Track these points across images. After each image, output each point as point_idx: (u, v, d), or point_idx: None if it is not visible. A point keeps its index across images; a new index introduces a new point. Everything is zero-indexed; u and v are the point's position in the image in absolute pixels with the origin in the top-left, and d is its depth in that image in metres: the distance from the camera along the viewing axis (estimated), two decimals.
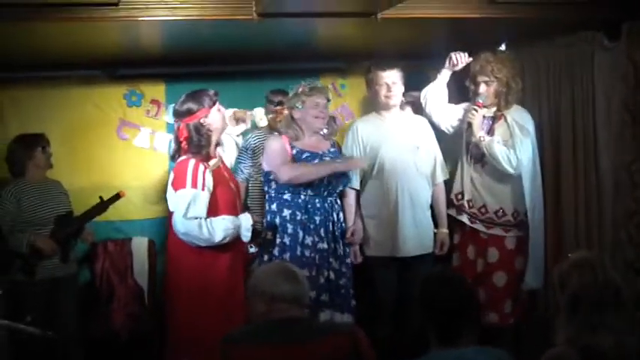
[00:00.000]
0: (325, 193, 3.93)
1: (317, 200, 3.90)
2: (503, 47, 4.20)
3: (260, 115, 5.05)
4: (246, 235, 3.62)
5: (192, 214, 3.51)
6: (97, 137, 4.94)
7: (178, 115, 3.69)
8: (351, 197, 4.14)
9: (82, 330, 4.34)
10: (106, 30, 3.71)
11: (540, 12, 3.84)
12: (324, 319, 3.79)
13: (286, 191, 3.88)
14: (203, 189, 3.54)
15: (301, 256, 3.84)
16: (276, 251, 3.85)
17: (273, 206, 3.93)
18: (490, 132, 4.15)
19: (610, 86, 4.02)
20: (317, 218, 3.90)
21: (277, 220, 3.90)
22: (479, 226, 4.16)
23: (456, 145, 4.43)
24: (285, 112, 4.04)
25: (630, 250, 3.90)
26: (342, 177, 3.95)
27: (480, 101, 4.07)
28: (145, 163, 4.99)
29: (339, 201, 4.03)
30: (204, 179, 3.56)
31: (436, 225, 4.26)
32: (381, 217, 4.13)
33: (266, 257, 3.88)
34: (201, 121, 3.66)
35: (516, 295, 4.20)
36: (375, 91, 4.14)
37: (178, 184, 3.56)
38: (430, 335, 2.43)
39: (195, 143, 3.64)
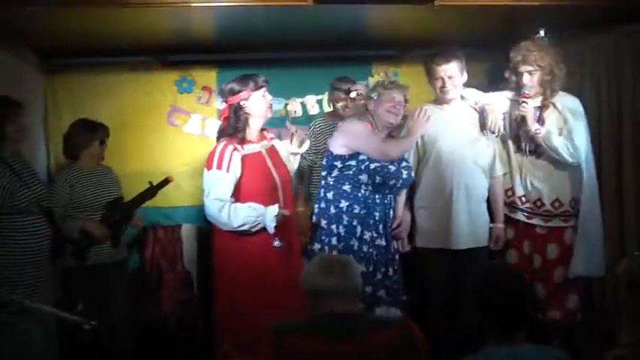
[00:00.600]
0: (387, 191, 3.90)
1: (377, 196, 3.87)
2: (542, 34, 4.06)
3: (312, 103, 5.10)
4: (270, 226, 3.57)
5: (215, 195, 3.54)
6: (147, 123, 4.95)
7: (222, 93, 3.75)
8: (404, 190, 4.07)
9: (132, 316, 4.35)
10: (158, 16, 3.71)
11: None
12: (380, 314, 3.77)
13: (347, 183, 3.83)
14: (228, 171, 3.55)
15: (359, 251, 3.80)
16: (334, 240, 3.81)
17: (329, 195, 3.88)
18: (540, 122, 4.03)
19: None
20: (376, 214, 3.87)
21: (332, 210, 3.85)
22: (537, 221, 4.05)
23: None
24: (362, 101, 4.02)
25: None
26: (407, 178, 3.92)
27: (527, 92, 3.95)
28: (195, 150, 4.96)
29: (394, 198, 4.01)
30: (230, 162, 3.57)
31: (492, 219, 4.14)
32: (435, 208, 4.05)
33: (317, 246, 3.85)
34: (241, 103, 3.66)
35: (579, 289, 4.10)
36: (433, 84, 4.07)
37: (208, 166, 3.61)
38: (485, 330, 2.38)
39: (232, 124, 3.65)
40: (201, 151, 4.85)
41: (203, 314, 4.48)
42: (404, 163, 3.91)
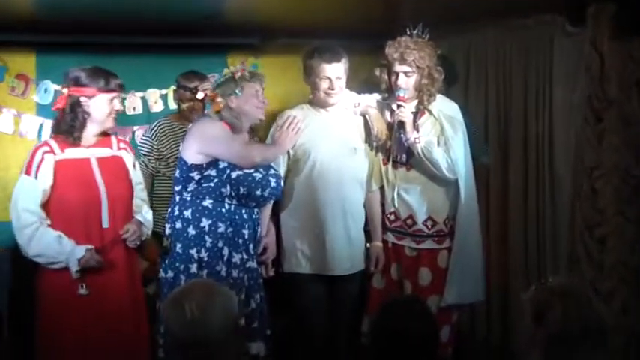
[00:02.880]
0: (254, 204, 3.57)
1: (244, 211, 3.54)
2: (420, 31, 3.84)
3: (154, 98, 4.76)
4: (72, 270, 3.20)
5: (22, 205, 3.25)
6: None
7: (65, 78, 3.43)
8: (269, 204, 3.75)
9: None
10: None
11: None
12: (256, 351, 3.50)
13: (207, 197, 3.48)
14: (37, 178, 3.26)
15: (227, 277, 3.47)
16: (194, 267, 3.46)
17: (187, 213, 3.51)
18: (415, 130, 3.82)
19: (571, 79, 3.80)
20: (245, 232, 3.55)
21: (192, 231, 3.49)
22: (407, 242, 3.82)
23: None
24: (219, 99, 3.63)
25: (589, 268, 3.64)
26: (276, 187, 3.61)
27: (402, 95, 3.72)
28: (8, 153, 4.50)
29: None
30: (39, 167, 3.27)
31: (369, 238, 3.90)
32: (307, 228, 3.76)
33: (170, 274, 3.49)
34: (82, 99, 3.31)
35: (452, 319, 3.89)
36: (314, 83, 3.73)
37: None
38: None
39: (67, 121, 3.32)
40: (15, 154, 4.53)
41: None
42: (272, 171, 3.62)
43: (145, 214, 3.47)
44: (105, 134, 3.43)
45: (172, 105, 4.63)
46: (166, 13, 3.92)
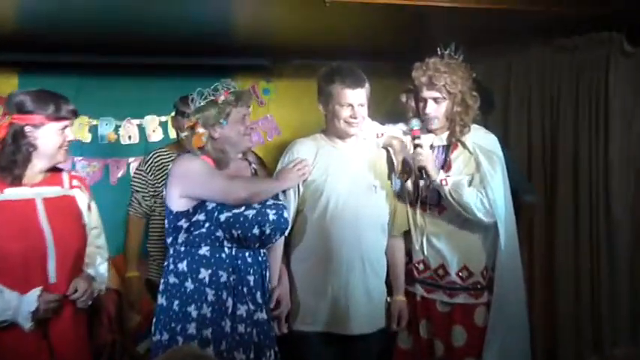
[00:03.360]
0: (257, 244, 3.19)
1: (247, 254, 3.17)
2: (453, 51, 3.59)
3: (153, 126, 4.57)
4: (24, 325, 2.85)
5: None
6: None
7: (7, 104, 3.08)
8: (279, 247, 3.39)
9: None
10: None
11: (539, 4, 3.44)
12: None
13: (203, 244, 3.13)
14: None
15: (233, 334, 3.10)
16: (192, 328, 3.10)
17: (182, 265, 3.14)
18: (446, 167, 3.53)
19: (630, 104, 3.64)
20: (250, 278, 3.17)
21: (189, 285, 3.13)
22: (438, 296, 3.49)
23: None
24: (200, 129, 3.26)
25: None
26: (278, 220, 3.24)
27: (417, 128, 3.44)
28: None
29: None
30: None
31: (390, 290, 3.54)
32: (320, 279, 3.39)
33: (165, 337, 3.11)
34: (27, 129, 2.96)
35: None
36: (333, 111, 3.39)
37: None
38: None
39: (8, 154, 2.96)
40: None
41: None
42: (269, 202, 3.26)
43: (97, 265, 3.12)
44: (55, 169, 3.08)
45: (174, 134, 4.32)
46: (167, 29, 3.78)
